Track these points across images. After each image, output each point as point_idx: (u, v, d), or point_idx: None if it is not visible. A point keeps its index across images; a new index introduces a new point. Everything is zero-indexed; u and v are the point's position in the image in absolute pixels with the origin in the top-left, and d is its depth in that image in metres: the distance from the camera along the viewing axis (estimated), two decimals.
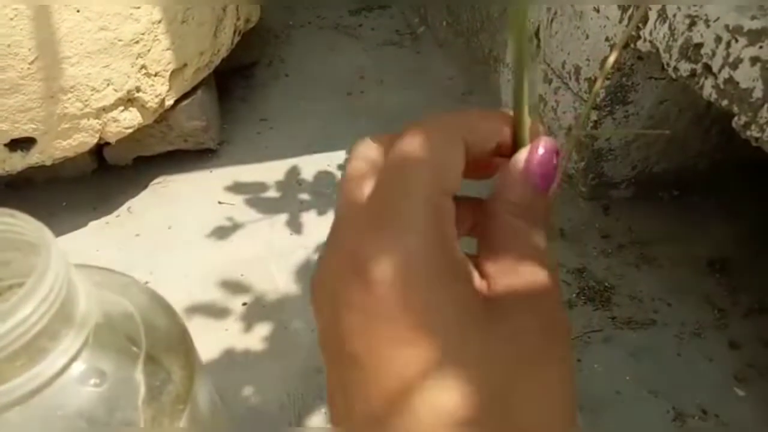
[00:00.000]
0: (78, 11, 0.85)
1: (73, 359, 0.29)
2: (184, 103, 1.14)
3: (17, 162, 0.96)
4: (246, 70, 1.54)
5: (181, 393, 0.35)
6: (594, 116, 1.02)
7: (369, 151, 0.20)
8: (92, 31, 0.89)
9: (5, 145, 0.93)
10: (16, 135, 0.92)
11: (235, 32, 1.23)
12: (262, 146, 1.34)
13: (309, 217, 1.16)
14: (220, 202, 1.19)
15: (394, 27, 1.81)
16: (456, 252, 0.17)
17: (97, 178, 1.22)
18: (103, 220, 1.15)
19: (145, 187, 1.22)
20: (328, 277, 0.18)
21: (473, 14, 1.47)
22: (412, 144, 0.18)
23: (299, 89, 1.52)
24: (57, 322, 0.28)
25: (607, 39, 0.95)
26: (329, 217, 1.16)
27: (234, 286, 1.02)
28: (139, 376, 0.32)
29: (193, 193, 1.21)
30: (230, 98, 1.44)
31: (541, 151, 0.19)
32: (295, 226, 1.14)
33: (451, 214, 0.18)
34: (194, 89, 1.15)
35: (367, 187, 0.19)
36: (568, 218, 1.11)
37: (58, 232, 1.03)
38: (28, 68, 0.85)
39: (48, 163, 0.99)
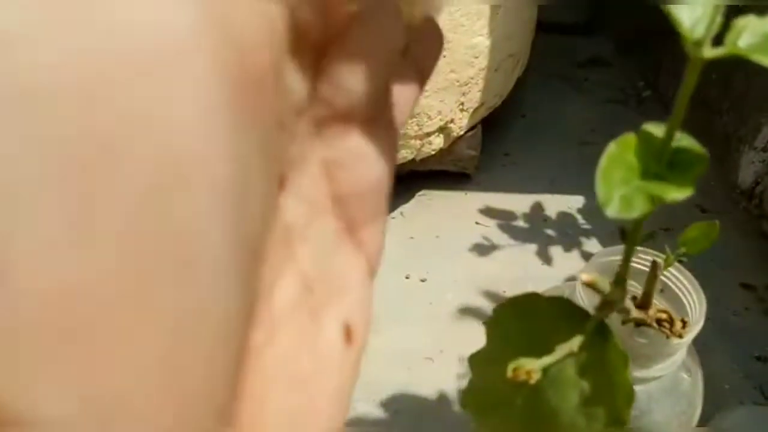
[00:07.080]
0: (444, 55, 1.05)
1: None
2: (469, 134, 1.33)
3: None
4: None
5: None
6: None
7: None
8: (445, 72, 1.09)
9: None
10: None
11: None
12: (507, 178, 1.51)
13: (556, 251, 1.31)
14: (477, 223, 1.37)
15: (618, 85, 1.93)
16: None
17: None
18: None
19: (413, 197, 1.43)
20: None
21: (718, 91, 1.55)
22: None
23: (536, 131, 1.69)
24: None
25: None
26: (574, 255, 1.30)
27: (495, 297, 1.19)
28: None
29: (453, 209, 1.40)
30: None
31: None
32: (544, 257, 1.29)
33: None
34: (476, 124, 1.35)
35: None
36: None
37: None
38: None
39: None
